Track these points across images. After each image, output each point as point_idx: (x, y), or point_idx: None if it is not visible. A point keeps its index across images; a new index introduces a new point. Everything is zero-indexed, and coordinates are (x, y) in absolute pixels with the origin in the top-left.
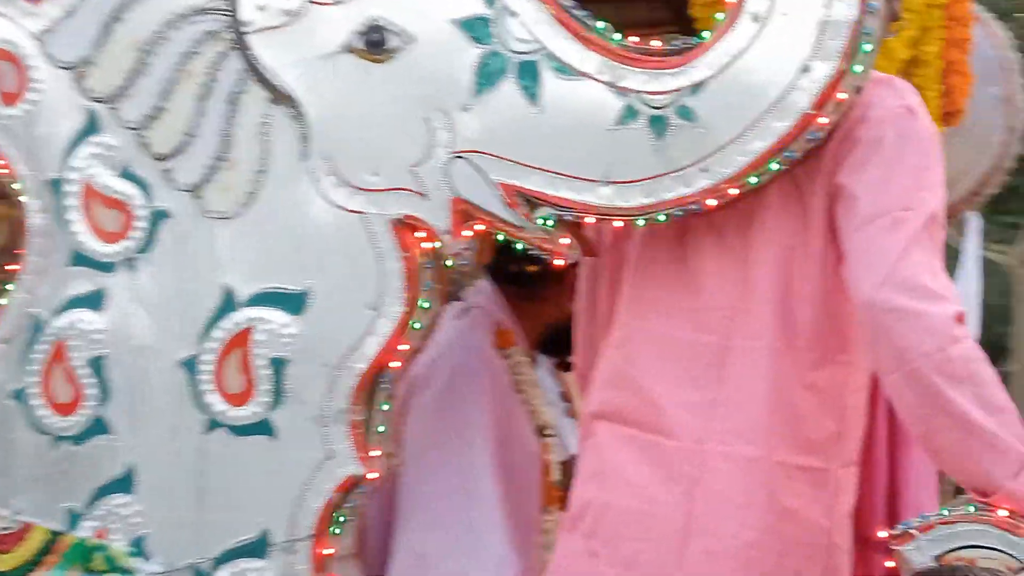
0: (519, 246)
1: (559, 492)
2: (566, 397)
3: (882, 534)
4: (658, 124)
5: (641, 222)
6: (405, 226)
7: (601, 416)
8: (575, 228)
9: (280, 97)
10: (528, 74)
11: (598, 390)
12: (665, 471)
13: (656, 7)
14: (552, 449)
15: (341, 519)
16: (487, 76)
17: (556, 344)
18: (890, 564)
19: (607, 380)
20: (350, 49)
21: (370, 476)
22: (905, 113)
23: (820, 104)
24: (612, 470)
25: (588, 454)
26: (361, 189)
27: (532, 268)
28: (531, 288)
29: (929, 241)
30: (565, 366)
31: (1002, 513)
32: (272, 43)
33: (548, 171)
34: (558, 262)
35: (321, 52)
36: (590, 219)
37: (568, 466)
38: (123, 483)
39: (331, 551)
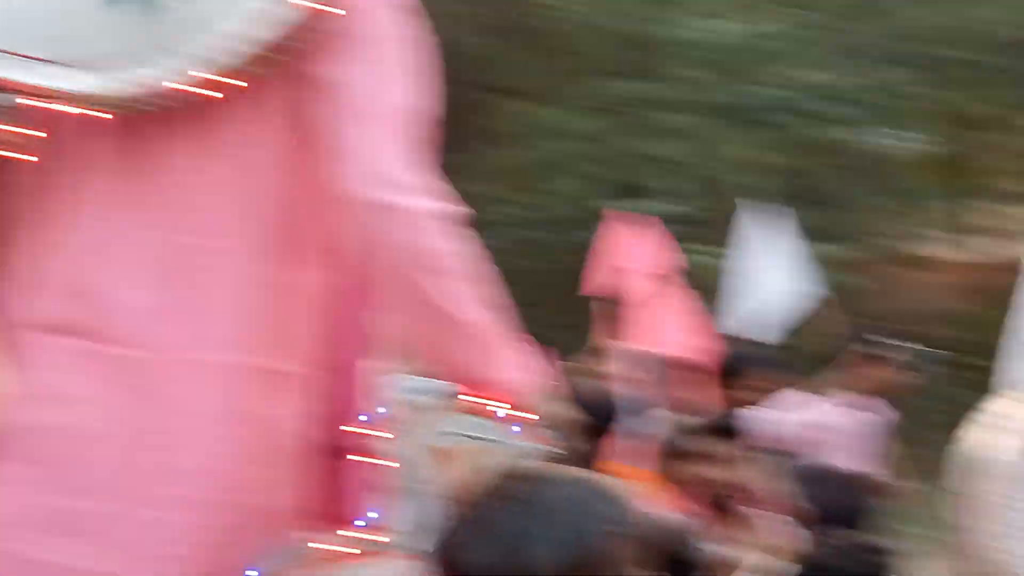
0: None
1: None
2: None
3: (357, 433)
4: (142, 5)
5: (108, 112)
6: None
7: (37, 327)
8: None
9: None
10: None
11: (34, 299)
12: (115, 383)
13: None
14: None
15: None
16: None
17: None
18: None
19: (47, 287)
20: None
21: None
22: (392, 9)
23: None
24: (50, 388)
25: (16, 372)
26: None
27: None
28: None
29: (411, 137)
30: None
31: (470, 398)
32: None
33: (3, 51)
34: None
35: None
36: (57, 106)
37: None
38: None
39: None
